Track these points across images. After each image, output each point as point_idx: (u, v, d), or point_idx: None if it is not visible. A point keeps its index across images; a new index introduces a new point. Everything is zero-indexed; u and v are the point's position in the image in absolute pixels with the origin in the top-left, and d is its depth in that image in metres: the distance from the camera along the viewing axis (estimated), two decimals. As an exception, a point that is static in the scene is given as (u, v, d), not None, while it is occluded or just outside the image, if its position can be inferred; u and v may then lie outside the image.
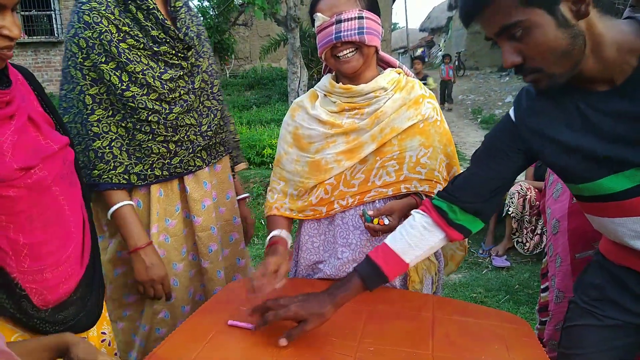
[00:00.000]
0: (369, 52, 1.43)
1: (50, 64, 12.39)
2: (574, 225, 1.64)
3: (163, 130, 1.55)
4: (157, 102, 1.53)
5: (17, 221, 1.01)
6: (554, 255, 1.75)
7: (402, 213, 1.40)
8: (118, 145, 1.52)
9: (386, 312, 1.35)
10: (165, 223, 1.65)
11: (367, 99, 1.46)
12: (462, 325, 1.29)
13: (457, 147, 7.87)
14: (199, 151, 1.66)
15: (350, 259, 1.49)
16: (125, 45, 1.47)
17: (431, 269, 1.58)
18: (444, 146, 1.51)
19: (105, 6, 1.46)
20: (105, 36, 1.45)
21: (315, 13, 1.42)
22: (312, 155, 1.49)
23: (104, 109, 1.50)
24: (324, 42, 1.41)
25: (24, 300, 1.03)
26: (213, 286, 1.75)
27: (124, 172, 1.53)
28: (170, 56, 1.54)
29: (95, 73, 1.47)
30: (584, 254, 1.63)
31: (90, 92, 1.48)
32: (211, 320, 1.28)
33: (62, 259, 1.10)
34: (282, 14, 6.86)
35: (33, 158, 1.02)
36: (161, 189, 1.63)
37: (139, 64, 1.49)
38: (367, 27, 1.38)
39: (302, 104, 1.56)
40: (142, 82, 1.49)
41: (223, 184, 1.81)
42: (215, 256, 1.74)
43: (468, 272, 3.65)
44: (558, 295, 1.72)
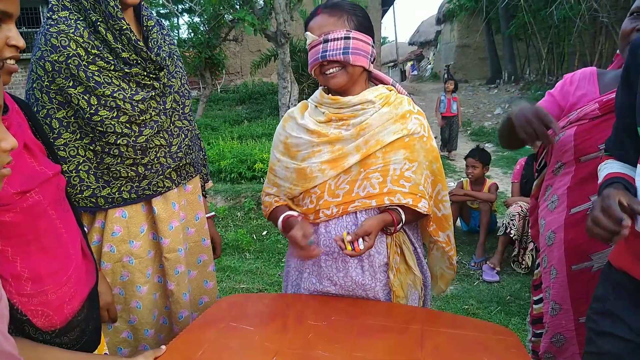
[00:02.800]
0: (354, 71, 1.47)
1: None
2: (570, 237, 1.63)
3: (132, 153, 1.54)
4: (126, 125, 1.51)
5: (15, 245, 1.02)
6: (548, 267, 1.73)
7: (377, 232, 1.43)
8: (85, 169, 1.51)
9: (376, 326, 1.36)
10: (130, 245, 1.62)
11: (353, 111, 1.50)
12: (451, 337, 1.31)
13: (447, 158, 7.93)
14: (169, 172, 1.65)
15: (332, 267, 1.52)
16: (95, 68, 1.45)
17: (416, 283, 1.59)
18: (429, 162, 1.54)
19: (74, 29, 1.44)
20: (73, 60, 1.43)
21: (307, 32, 1.49)
22: (298, 163, 1.53)
23: (71, 132, 1.48)
24: (313, 59, 1.48)
25: (25, 325, 1.05)
26: (178, 309, 1.73)
27: (91, 196, 1.52)
28: (141, 77, 1.53)
29: (62, 97, 1.45)
30: (580, 265, 1.62)
31: (57, 116, 1.46)
32: (201, 337, 1.29)
33: (63, 280, 1.11)
34: (272, 30, 6.92)
35: (29, 183, 1.04)
36: (125, 210, 1.60)
37: (110, 85, 1.47)
38: (353, 47, 1.43)
39: (293, 115, 1.62)
40: (112, 105, 1.47)
41: (192, 205, 1.79)
42: (181, 278, 1.72)
43: (460, 284, 3.66)
44: (554, 307, 1.71)
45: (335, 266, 1.52)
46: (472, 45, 18.15)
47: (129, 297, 1.66)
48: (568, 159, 1.63)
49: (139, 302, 1.66)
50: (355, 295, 1.52)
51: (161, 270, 1.71)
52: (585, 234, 1.56)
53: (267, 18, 7.02)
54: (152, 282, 1.70)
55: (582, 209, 1.59)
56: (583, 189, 1.59)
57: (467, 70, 18.58)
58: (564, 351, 1.67)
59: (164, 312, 1.75)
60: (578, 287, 1.62)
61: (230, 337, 1.28)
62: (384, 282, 1.53)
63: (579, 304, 1.63)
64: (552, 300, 1.71)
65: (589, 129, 1.57)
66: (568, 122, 1.65)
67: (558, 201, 1.68)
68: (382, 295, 1.54)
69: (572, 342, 1.66)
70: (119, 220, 1.59)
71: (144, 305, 1.67)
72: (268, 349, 1.21)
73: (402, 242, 1.57)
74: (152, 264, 1.69)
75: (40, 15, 12.00)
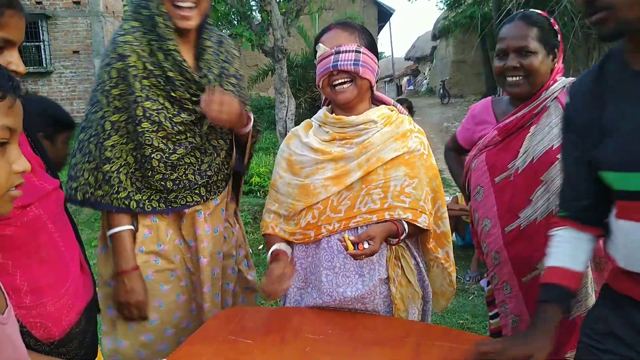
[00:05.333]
0: (363, 85, 1.53)
1: (38, 94, 12.43)
2: (513, 254, 1.76)
3: (162, 168, 1.61)
4: (163, 141, 1.59)
5: (15, 258, 1.05)
6: (499, 284, 1.85)
7: (381, 238, 1.45)
8: (125, 172, 1.60)
9: (373, 339, 1.39)
10: (157, 247, 1.70)
11: (357, 130, 1.56)
12: (446, 350, 1.33)
13: (443, 173, 7.95)
14: (197, 188, 1.70)
15: (333, 282, 1.54)
16: (147, 83, 1.54)
17: (415, 297, 1.62)
18: (429, 179, 1.58)
19: (139, 42, 1.53)
20: (131, 70, 1.53)
21: (319, 44, 1.55)
22: (302, 180, 1.57)
23: (119, 136, 1.58)
24: (323, 70, 1.52)
25: (25, 336, 1.06)
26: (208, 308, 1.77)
27: (126, 198, 1.61)
28: (185, 101, 1.59)
29: (119, 102, 1.56)
30: (529, 276, 1.74)
31: (111, 119, 1.57)
32: (200, 350, 1.31)
33: (61, 293, 1.13)
34: (269, 45, 6.99)
35: (29, 197, 1.06)
36: (154, 216, 1.69)
37: (155, 102, 1.56)
38: (363, 60, 1.51)
39: (297, 133, 1.67)
40: (154, 120, 1.56)
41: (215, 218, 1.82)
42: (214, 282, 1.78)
43: (455, 299, 3.68)
44: (514, 320, 1.82)
45: (335, 281, 1.54)
46: (467, 61, 18.33)
47: (153, 296, 1.71)
48: (485, 182, 1.82)
49: (161, 301, 1.72)
50: (355, 308, 1.54)
51: (188, 275, 1.77)
52: (526, 247, 1.72)
53: (264, 34, 7.09)
54: (177, 284, 1.75)
55: (514, 227, 1.75)
56: (511, 209, 1.75)
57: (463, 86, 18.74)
58: None
59: (188, 315, 1.79)
60: (532, 296, 1.71)
61: (228, 350, 1.31)
62: (384, 294, 1.55)
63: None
64: (512, 314, 1.82)
65: (496, 152, 1.79)
66: (478, 149, 1.86)
67: (491, 223, 1.81)
68: (381, 308, 1.56)
69: None
70: (150, 225, 1.69)
71: (166, 304, 1.73)
72: None
73: (402, 256, 1.59)
74: (179, 267, 1.75)
75: (40, 29, 12.09)
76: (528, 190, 1.71)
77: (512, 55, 1.71)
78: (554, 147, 1.68)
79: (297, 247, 1.64)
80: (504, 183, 1.77)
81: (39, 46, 12.25)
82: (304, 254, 1.62)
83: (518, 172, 1.73)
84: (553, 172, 1.67)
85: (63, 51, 12.46)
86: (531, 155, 1.71)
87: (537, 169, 1.70)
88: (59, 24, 12.32)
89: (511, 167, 1.75)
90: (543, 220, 1.69)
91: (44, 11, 12.02)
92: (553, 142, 1.68)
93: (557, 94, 1.72)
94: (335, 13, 12.33)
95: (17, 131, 0.85)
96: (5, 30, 1.03)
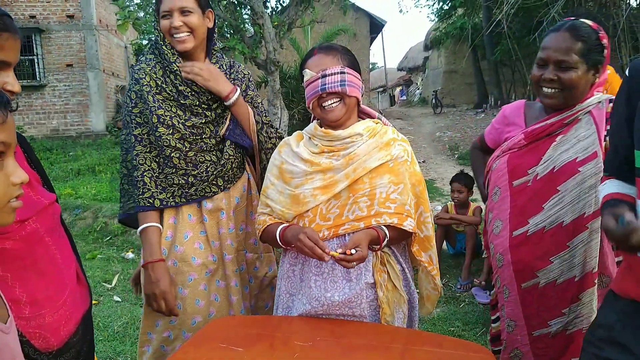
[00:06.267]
0: (351, 102, 1.63)
1: (31, 108, 12.43)
2: (516, 258, 1.77)
3: (184, 164, 1.83)
4: (179, 141, 1.82)
5: (14, 271, 1.09)
6: (501, 287, 1.85)
7: (366, 243, 1.50)
8: (149, 176, 1.83)
9: (360, 345, 1.43)
10: (175, 249, 1.86)
11: (344, 144, 1.64)
12: (431, 355, 1.37)
13: (435, 182, 8.04)
14: (214, 179, 1.88)
15: (322, 287, 1.58)
16: (161, 97, 1.82)
17: (401, 302, 1.66)
18: (412, 185, 1.65)
19: (151, 67, 1.83)
20: (145, 88, 1.81)
21: (305, 69, 1.64)
22: (292, 189, 1.64)
23: (142, 146, 1.85)
24: (312, 93, 1.62)
25: (25, 346, 1.10)
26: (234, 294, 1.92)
27: (150, 197, 1.82)
28: (195, 107, 1.84)
29: (140, 118, 1.84)
30: (529, 283, 1.75)
31: (134, 132, 1.84)
32: (193, 357, 1.35)
33: (59, 304, 1.17)
34: (262, 58, 7.07)
35: (26, 212, 1.10)
36: (175, 217, 1.87)
37: (168, 112, 1.82)
38: (348, 80, 1.60)
39: (288, 142, 1.75)
40: (168, 124, 1.81)
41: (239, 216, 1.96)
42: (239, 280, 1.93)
43: (446, 307, 3.72)
44: (509, 324, 1.82)
45: (324, 286, 1.59)
46: (459, 71, 18.52)
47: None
48: (503, 184, 1.81)
49: (180, 304, 1.85)
50: (342, 313, 1.58)
51: (207, 278, 1.88)
52: (529, 253, 1.72)
53: (257, 46, 7.18)
54: (196, 288, 1.86)
55: (522, 232, 1.75)
56: (523, 214, 1.75)
57: (455, 95, 18.92)
58: None
59: (207, 320, 1.87)
60: (529, 303, 1.74)
61: (219, 357, 1.34)
62: (370, 298, 1.60)
63: (531, 319, 1.76)
64: (508, 317, 1.83)
65: (518, 155, 1.78)
66: (501, 151, 1.85)
67: (502, 225, 1.82)
68: (368, 312, 1.60)
69: (528, 356, 1.77)
70: (171, 226, 1.88)
71: (184, 307, 1.85)
72: None
73: (387, 261, 1.64)
74: (197, 271, 1.87)
75: (33, 43, 12.13)
76: (542, 198, 1.71)
77: (552, 67, 1.67)
78: (577, 160, 1.67)
79: (288, 254, 1.69)
80: (521, 187, 1.77)
81: (33, 60, 12.28)
82: (295, 260, 1.68)
83: (537, 179, 1.73)
84: (570, 184, 1.67)
85: (56, 64, 12.49)
86: (553, 164, 1.70)
87: (555, 178, 1.70)
88: (52, 37, 12.36)
89: (531, 173, 1.74)
90: (550, 230, 1.69)
91: (37, 25, 12.07)
92: (578, 155, 1.68)
93: (592, 108, 1.70)
94: (328, 25, 12.43)
95: (11, 145, 0.89)
96: (2, 53, 1.07)
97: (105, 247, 5.57)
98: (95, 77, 12.68)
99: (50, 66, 12.46)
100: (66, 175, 8.95)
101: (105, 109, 13.01)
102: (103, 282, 4.44)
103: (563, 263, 1.69)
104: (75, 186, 7.80)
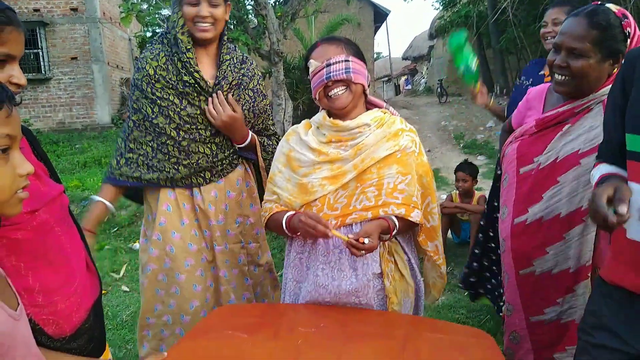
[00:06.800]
0: (357, 90, 1.64)
1: (37, 101, 12.49)
2: (515, 245, 1.79)
3: (177, 153, 1.91)
4: (175, 130, 1.89)
5: (27, 261, 1.12)
6: (504, 272, 1.88)
7: (377, 234, 1.51)
8: (142, 160, 1.93)
9: (363, 332, 1.45)
10: (172, 235, 1.95)
11: (351, 134, 1.65)
12: (432, 341, 1.40)
13: (440, 172, 8.03)
14: (202, 171, 1.95)
15: (329, 276, 1.60)
16: (159, 85, 1.88)
17: (408, 291, 1.69)
18: (420, 176, 1.66)
19: (154, 55, 1.90)
20: (145, 78, 1.90)
21: (309, 61, 1.66)
22: (300, 178, 1.66)
23: (139, 131, 1.94)
24: (318, 83, 1.63)
25: (38, 333, 1.13)
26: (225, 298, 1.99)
27: (138, 177, 1.94)
28: (192, 97, 1.89)
29: (136, 105, 1.93)
30: (526, 270, 1.77)
31: (132, 118, 1.95)
32: (199, 344, 1.38)
33: (70, 292, 1.21)
34: (265, 49, 7.04)
35: (36, 203, 1.14)
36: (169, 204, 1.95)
37: (166, 100, 1.89)
38: (353, 68, 1.61)
39: (297, 130, 1.77)
40: (166, 114, 1.89)
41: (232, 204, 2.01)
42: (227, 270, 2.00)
43: (451, 294, 3.74)
44: (508, 308, 1.85)
45: (331, 275, 1.60)
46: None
47: (170, 283, 1.95)
48: (511, 171, 1.82)
49: (177, 288, 1.93)
50: (349, 302, 1.60)
51: (204, 265, 1.95)
52: (527, 242, 1.74)
53: (260, 37, 7.15)
54: (193, 274, 1.93)
55: (522, 220, 1.76)
56: (524, 202, 1.75)
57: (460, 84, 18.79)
58: (520, 348, 1.80)
59: (204, 305, 1.95)
60: (525, 290, 1.77)
61: (224, 344, 1.37)
62: (377, 288, 1.62)
63: (528, 305, 1.78)
64: (507, 302, 1.85)
65: (528, 143, 1.78)
66: (514, 137, 1.85)
67: (507, 212, 1.83)
68: (375, 302, 1.62)
69: (525, 340, 1.79)
70: (165, 213, 1.95)
71: (181, 292, 1.93)
72: (260, 355, 1.29)
73: (395, 251, 1.66)
74: (194, 256, 1.95)
75: (38, 36, 12.16)
76: (543, 188, 1.71)
77: (564, 53, 1.62)
78: (580, 152, 1.65)
79: (295, 243, 1.71)
80: (526, 175, 1.76)
81: (37, 53, 12.32)
82: (302, 248, 1.70)
83: (539, 168, 1.72)
84: (570, 176, 1.66)
85: (61, 58, 12.53)
86: (556, 154, 1.68)
87: (557, 169, 1.68)
88: (56, 30, 12.39)
89: (536, 161, 1.73)
90: (548, 221, 1.70)
91: (41, 18, 12.09)
92: (581, 147, 1.65)
93: (605, 99, 1.61)
94: (331, 15, 12.38)
95: (17, 138, 0.91)
96: (6, 46, 1.09)
97: (112, 238, 5.63)
98: (100, 70, 12.71)
99: (55, 59, 12.49)
100: (73, 167, 9.02)
101: (110, 101, 13.05)
102: (111, 272, 4.49)
103: (558, 254, 1.70)
104: (82, 178, 7.86)
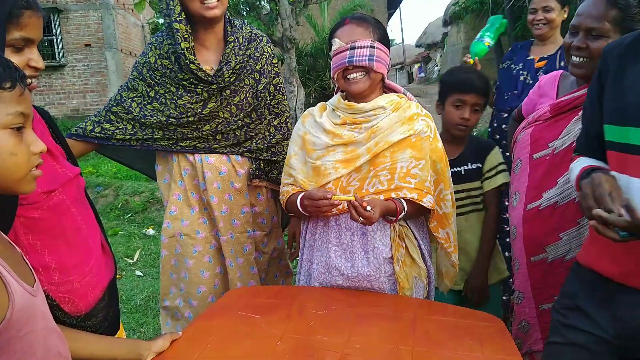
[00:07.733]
0: (376, 78, 1.63)
1: (51, 88, 12.58)
2: (527, 232, 1.77)
3: (165, 144, 1.93)
4: (167, 118, 1.89)
5: (43, 239, 1.16)
6: (514, 259, 1.87)
7: (380, 209, 1.52)
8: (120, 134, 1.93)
9: (373, 314, 1.48)
10: (181, 223, 1.99)
11: (366, 116, 1.65)
12: (441, 324, 1.42)
13: (453, 160, 7.98)
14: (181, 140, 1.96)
15: (342, 257, 1.62)
16: (159, 73, 1.92)
17: (421, 275, 1.70)
18: (433, 162, 1.66)
19: (159, 43, 1.93)
20: (146, 64, 1.94)
21: (334, 38, 1.63)
22: (313, 161, 1.66)
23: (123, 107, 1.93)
24: (338, 64, 1.61)
25: (55, 309, 1.17)
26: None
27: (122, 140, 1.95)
28: (189, 83, 1.88)
29: (131, 84, 1.97)
30: (537, 257, 1.76)
31: (122, 94, 1.97)
32: (213, 324, 1.41)
33: (86, 271, 1.24)
34: (278, 35, 7.04)
35: (53, 183, 1.17)
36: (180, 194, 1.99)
37: (163, 86, 1.91)
38: (377, 55, 1.59)
39: (312, 112, 1.77)
40: (162, 101, 1.91)
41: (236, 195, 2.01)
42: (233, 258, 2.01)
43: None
44: (518, 296, 1.85)
45: (344, 256, 1.63)
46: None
47: (180, 268, 2.01)
48: (524, 156, 1.80)
49: (186, 273, 1.99)
50: (362, 287, 1.62)
51: (212, 252, 2.00)
52: (540, 227, 1.73)
53: (273, 24, 7.15)
54: (200, 260, 1.98)
55: (535, 205, 1.75)
56: (538, 187, 1.74)
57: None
58: (529, 337, 1.80)
59: (212, 290, 2.00)
60: (537, 277, 1.76)
61: (238, 324, 1.40)
62: (389, 273, 1.63)
63: (538, 293, 1.77)
64: (517, 289, 1.85)
65: (542, 128, 1.76)
66: (527, 123, 1.83)
67: (519, 198, 1.82)
68: (387, 287, 1.63)
69: (535, 328, 1.79)
70: (175, 202, 1.99)
71: (189, 277, 1.99)
72: (273, 335, 1.32)
73: (406, 236, 1.67)
74: (202, 243, 1.99)
75: (52, 23, 12.23)
76: (558, 173, 1.69)
77: (582, 34, 1.58)
78: None
79: (310, 223, 1.73)
80: (540, 161, 1.75)
81: (52, 40, 12.38)
82: (315, 229, 1.72)
83: (554, 152, 1.70)
84: None
85: (75, 44, 12.59)
86: (571, 139, 1.66)
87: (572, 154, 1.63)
88: (70, 17, 12.45)
89: (550, 147, 1.71)
90: (562, 206, 1.69)
91: (55, 5, 12.15)
92: None
93: None
94: (344, 1, 12.29)
95: (30, 116, 0.94)
96: (25, 30, 1.11)
97: (126, 224, 5.71)
98: (114, 57, 12.77)
99: (69, 46, 12.56)
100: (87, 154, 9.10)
101: (123, 88, 13.10)
102: (125, 258, 4.57)
103: (572, 240, 1.69)
104: (96, 165, 7.96)
